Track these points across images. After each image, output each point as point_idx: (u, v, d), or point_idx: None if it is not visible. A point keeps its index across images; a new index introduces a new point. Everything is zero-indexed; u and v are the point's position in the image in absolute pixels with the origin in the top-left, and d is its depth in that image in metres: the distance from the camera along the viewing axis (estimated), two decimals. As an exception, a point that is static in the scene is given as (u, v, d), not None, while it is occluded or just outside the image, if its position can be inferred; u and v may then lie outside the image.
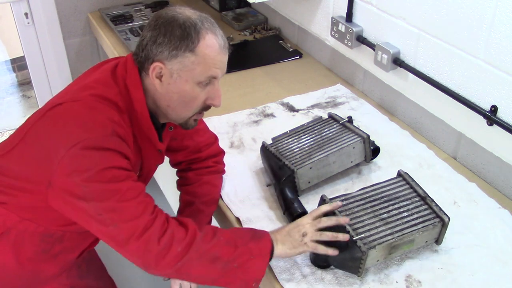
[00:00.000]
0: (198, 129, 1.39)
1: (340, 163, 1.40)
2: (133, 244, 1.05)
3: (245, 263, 1.10)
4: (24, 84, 3.83)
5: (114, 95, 1.12)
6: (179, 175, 1.44)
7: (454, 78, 1.47)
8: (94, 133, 1.05)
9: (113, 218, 1.05)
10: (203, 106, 1.18)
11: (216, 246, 1.09)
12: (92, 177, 1.02)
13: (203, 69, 1.11)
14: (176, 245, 1.06)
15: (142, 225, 1.04)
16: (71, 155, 1.03)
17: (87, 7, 2.59)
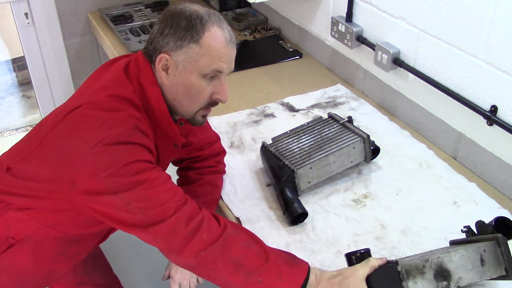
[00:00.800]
0: (201, 126, 1.40)
1: (340, 163, 1.40)
2: (160, 226, 1.03)
3: (270, 282, 1.01)
4: (24, 84, 3.83)
5: (130, 94, 1.13)
6: (179, 174, 1.44)
7: (454, 78, 1.47)
8: (116, 129, 1.05)
9: (140, 206, 1.03)
10: (209, 101, 1.17)
11: (245, 251, 1.03)
12: (118, 172, 1.03)
13: (208, 61, 1.11)
14: (204, 232, 1.03)
15: (171, 209, 1.03)
16: (95, 153, 1.03)
17: (87, 7, 2.59)
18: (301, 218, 1.31)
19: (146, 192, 1.04)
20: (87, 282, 1.44)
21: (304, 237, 1.26)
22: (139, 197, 1.04)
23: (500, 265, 1.02)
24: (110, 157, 1.03)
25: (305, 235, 1.27)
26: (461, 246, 1.04)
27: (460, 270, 1.00)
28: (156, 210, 1.04)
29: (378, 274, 0.99)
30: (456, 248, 1.01)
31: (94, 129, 1.06)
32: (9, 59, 3.92)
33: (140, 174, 1.04)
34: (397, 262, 0.96)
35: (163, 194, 1.05)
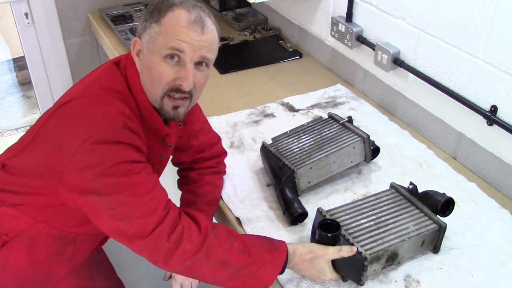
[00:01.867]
0: (203, 128, 1.40)
1: (340, 163, 1.40)
2: (143, 241, 1.03)
3: (255, 271, 1.07)
4: (24, 84, 3.83)
5: (120, 85, 1.12)
6: (180, 174, 1.44)
7: (454, 78, 1.47)
8: (105, 127, 1.04)
9: (124, 213, 1.03)
10: (172, 85, 1.11)
11: (228, 251, 1.06)
12: (105, 171, 1.02)
13: (165, 39, 1.07)
14: (186, 243, 1.04)
15: (153, 223, 1.03)
16: (83, 150, 1.02)
17: (87, 7, 2.59)
18: (301, 218, 1.31)
19: (131, 200, 1.03)
20: (91, 286, 1.43)
21: (304, 237, 1.26)
22: (124, 203, 1.03)
23: (433, 243, 1.21)
24: (98, 155, 1.03)
25: (305, 235, 1.27)
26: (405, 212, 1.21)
27: (405, 252, 1.16)
28: (139, 220, 1.03)
29: (346, 261, 1.10)
30: (409, 235, 1.15)
31: (83, 124, 1.05)
32: (9, 59, 3.93)
33: (127, 177, 1.03)
34: (366, 258, 1.08)
35: (147, 204, 1.04)
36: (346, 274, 1.13)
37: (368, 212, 1.20)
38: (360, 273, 1.10)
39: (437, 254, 1.21)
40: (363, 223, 1.17)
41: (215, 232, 1.08)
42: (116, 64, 1.17)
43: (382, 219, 1.19)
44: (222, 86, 1.92)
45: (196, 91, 1.15)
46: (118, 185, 1.03)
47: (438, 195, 1.22)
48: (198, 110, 1.40)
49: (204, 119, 1.42)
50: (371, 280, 1.15)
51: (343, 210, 1.21)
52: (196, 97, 1.18)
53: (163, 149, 1.27)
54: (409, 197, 1.25)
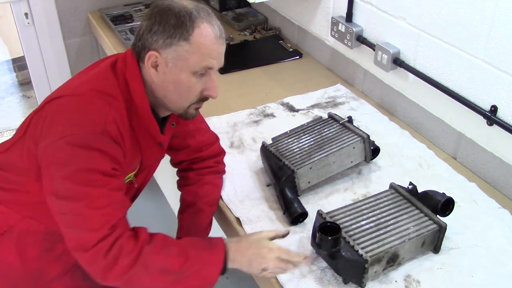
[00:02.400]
0: (200, 128, 1.40)
1: (340, 163, 1.40)
2: (82, 254, 1.04)
3: (197, 272, 1.08)
4: (24, 84, 3.82)
5: (113, 89, 1.12)
6: (179, 175, 1.44)
7: (454, 78, 1.47)
8: (83, 129, 1.04)
9: (74, 222, 1.04)
10: (200, 97, 1.16)
11: (165, 257, 1.07)
12: (68, 175, 1.02)
13: (198, 58, 1.10)
14: (123, 258, 1.04)
15: (96, 238, 1.03)
16: (54, 148, 1.03)
17: (87, 7, 2.59)
18: (301, 218, 1.31)
19: (83, 211, 1.03)
20: (85, 286, 1.43)
21: (304, 237, 1.26)
22: (76, 212, 1.04)
23: (433, 243, 1.21)
24: (66, 156, 1.03)
25: (305, 235, 1.27)
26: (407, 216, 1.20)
27: (406, 253, 1.16)
28: (85, 233, 1.04)
29: (347, 264, 1.11)
30: (409, 236, 1.15)
31: (63, 122, 1.06)
32: (9, 59, 3.92)
33: (87, 187, 1.03)
34: (366, 260, 1.08)
35: (98, 219, 1.04)
36: (347, 276, 1.13)
37: (368, 213, 1.20)
38: (361, 275, 1.10)
39: (437, 254, 1.21)
40: (363, 225, 1.17)
41: (150, 242, 1.07)
42: (112, 66, 1.17)
43: (382, 220, 1.19)
44: (222, 86, 1.91)
45: None
46: (76, 193, 1.03)
47: (438, 195, 1.22)
48: None
49: (200, 118, 1.42)
50: (371, 280, 1.15)
51: (343, 212, 1.20)
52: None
53: (160, 152, 1.28)
54: (409, 197, 1.25)
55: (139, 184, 1.32)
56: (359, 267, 1.09)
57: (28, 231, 1.20)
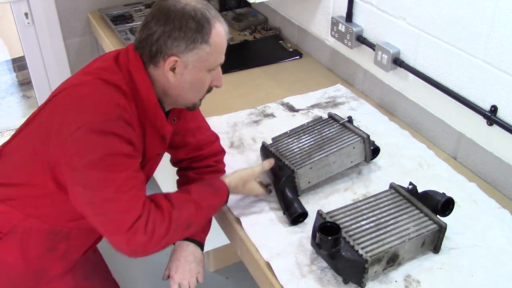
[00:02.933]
0: (200, 126, 1.40)
1: (340, 163, 1.40)
2: (121, 236, 1.07)
3: (208, 216, 1.28)
4: (24, 84, 3.82)
5: (118, 80, 1.13)
6: (179, 174, 1.44)
7: (454, 78, 1.47)
8: (99, 116, 1.06)
9: (105, 209, 1.07)
10: (209, 89, 1.22)
11: (187, 215, 1.17)
12: (92, 164, 1.04)
13: (216, 57, 1.16)
14: (158, 229, 1.10)
15: (131, 220, 1.07)
16: (74, 138, 1.04)
17: (87, 7, 2.59)
18: (301, 218, 1.31)
19: (113, 196, 1.06)
20: (87, 286, 1.43)
21: (304, 237, 1.26)
22: (105, 199, 1.06)
23: (433, 243, 1.21)
24: (88, 145, 1.04)
25: (305, 235, 1.27)
26: (406, 214, 1.21)
27: (406, 253, 1.16)
28: (119, 217, 1.07)
29: (347, 264, 1.11)
30: (409, 236, 1.15)
31: (76, 112, 1.06)
32: (9, 59, 3.92)
33: (112, 173, 1.06)
34: (366, 260, 1.08)
35: (127, 202, 1.07)
36: (347, 276, 1.13)
37: (368, 213, 1.20)
38: (361, 275, 1.10)
39: (437, 254, 1.21)
40: (363, 225, 1.17)
41: (174, 206, 1.15)
42: (115, 59, 1.18)
43: (382, 220, 1.19)
44: (222, 86, 1.92)
45: None
46: (102, 181, 1.05)
47: (438, 195, 1.22)
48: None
49: (201, 117, 1.43)
50: (371, 280, 1.15)
51: (343, 212, 1.20)
52: None
53: (162, 147, 1.28)
54: (409, 197, 1.25)
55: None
56: (359, 267, 1.09)
57: (31, 231, 1.20)
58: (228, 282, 2.24)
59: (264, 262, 1.21)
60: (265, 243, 1.25)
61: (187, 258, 1.33)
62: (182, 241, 1.36)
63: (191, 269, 1.33)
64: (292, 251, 1.22)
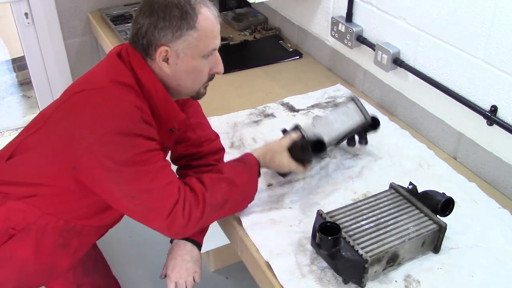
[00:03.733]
0: (201, 122, 1.41)
1: (341, 122, 1.43)
2: (163, 222, 1.13)
3: (244, 192, 1.27)
4: (24, 84, 3.82)
5: (128, 78, 1.15)
6: (179, 173, 1.44)
7: (454, 78, 1.47)
8: (122, 120, 1.09)
9: (145, 199, 1.11)
10: (209, 76, 1.23)
11: (221, 194, 1.20)
12: (124, 161, 1.08)
13: (206, 42, 1.15)
14: (195, 211, 1.15)
15: (170, 206, 1.12)
16: (102, 143, 1.07)
17: (87, 7, 2.59)
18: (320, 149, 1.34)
19: (150, 186, 1.11)
20: (87, 283, 1.44)
21: (304, 238, 1.26)
22: (144, 189, 1.11)
23: (433, 243, 1.21)
24: (118, 147, 1.07)
25: (305, 235, 1.27)
26: (406, 214, 1.21)
27: (406, 253, 1.16)
28: (158, 204, 1.12)
29: (347, 264, 1.11)
30: (409, 236, 1.15)
31: (98, 116, 1.09)
32: (9, 59, 3.92)
33: (146, 166, 1.10)
34: (366, 260, 1.08)
35: (164, 189, 1.13)
36: (347, 276, 1.13)
37: (368, 213, 1.20)
38: (361, 275, 1.10)
39: (437, 254, 1.22)
40: (363, 225, 1.17)
41: (207, 188, 1.19)
42: (118, 55, 1.20)
43: (382, 220, 1.19)
44: (222, 86, 1.92)
45: None
46: (137, 174, 1.10)
47: (438, 195, 1.22)
48: (197, 105, 1.42)
49: (202, 114, 1.44)
50: (371, 280, 1.15)
51: (343, 212, 1.21)
52: None
53: (170, 139, 1.31)
54: (409, 197, 1.25)
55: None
56: (359, 267, 1.09)
57: (46, 228, 1.22)
58: (228, 282, 2.24)
59: (264, 262, 1.22)
60: (265, 243, 1.25)
61: (184, 257, 1.33)
62: (179, 240, 1.37)
63: (187, 268, 1.34)
64: (292, 251, 1.22)
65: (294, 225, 1.30)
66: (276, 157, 1.31)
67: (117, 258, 1.54)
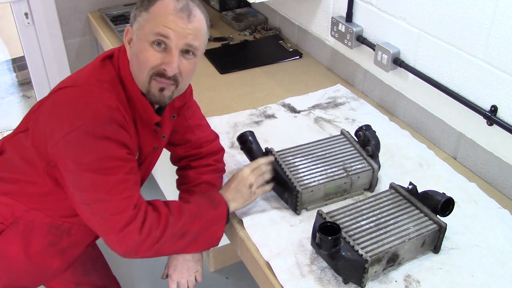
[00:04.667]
0: (200, 124, 1.41)
1: None
2: (116, 235, 1.10)
3: (207, 229, 1.21)
4: (24, 84, 3.82)
5: (111, 77, 1.15)
6: (179, 174, 1.44)
7: (454, 78, 1.47)
8: (91, 120, 1.07)
9: (100, 209, 1.09)
10: (157, 69, 1.13)
11: (185, 223, 1.17)
12: (86, 166, 1.06)
13: (152, 25, 1.10)
14: (154, 232, 1.12)
15: (125, 220, 1.09)
16: (66, 141, 1.05)
17: (87, 7, 2.59)
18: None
19: (106, 198, 1.08)
20: (86, 282, 1.44)
21: (304, 238, 1.26)
22: (99, 200, 1.08)
23: (433, 243, 1.21)
24: (80, 149, 1.06)
25: (305, 235, 1.27)
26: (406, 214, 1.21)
27: (406, 253, 1.16)
28: (113, 217, 1.09)
29: (347, 264, 1.11)
30: (409, 236, 1.15)
31: (69, 114, 1.08)
32: (9, 59, 3.92)
33: (105, 175, 1.07)
34: (366, 260, 1.08)
35: (121, 202, 1.09)
36: (347, 276, 1.13)
37: (368, 213, 1.20)
38: (361, 275, 1.10)
39: (437, 254, 1.22)
40: (363, 225, 1.17)
41: (172, 214, 1.16)
42: (109, 56, 1.20)
43: (382, 220, 1.19)
44: (222, 86, 1.92)
45: (183, 79, 1.17)
46: (96, 183, 1.07)
47: (438, 195, 1.22)
48: (195, 106, 1.42)
49: (201, 115, 1.43)
50: (371, 280, 1.15)
51: (343, 212, 1.21)
52: (183, 85, 1.19)
53: (156, 140, 1.29)
54: (409, 197, 1.25)
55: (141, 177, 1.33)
56: (359, 267, 1.09)
57: (33, 223, 1.22)
58: (228, 282, 2.24)
59: (264, 262, 1.22)
60: (265, 243, 1.25)
61: (185, 257, 1.33)
62: None
63: (189, 268, 1.33)
64: (292, 251, 1.22)
65: (294, 225, 1.30)
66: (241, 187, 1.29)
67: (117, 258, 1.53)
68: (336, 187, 1.33)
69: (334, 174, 1.33)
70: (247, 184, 1.28)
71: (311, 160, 1.36)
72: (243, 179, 1.28)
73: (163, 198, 2.31)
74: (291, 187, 1.29)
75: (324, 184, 1.31)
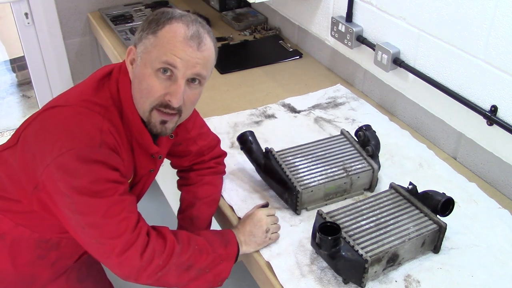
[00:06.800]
0: (201, 133, 1.38)
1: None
2: (115, 259, 1.05)
3: (215, 267, 1.15)
4: (24, 84, 3.83)
5: (105, 100, 1.10)
6: (180, 175, 1.44)
7: (454, 78, 1.47)
8: (82, 143, 1.02)
9: (95, 234, 1.04)
10: (161, 100, 1.08)
11: (192, 255, 1.12)
12: (78, 189, 1.01)
13: (159, 52, 1.04)
14: (157, 258, 1.07)
15: (123, 244, 1.04)
16: (57, 164, 1.01)
17: (87, 7, 2.59)
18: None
19: (101, 222, 1.03)
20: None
21: (304, 238, 1.26)
22: (94, 224, 1.03)
23: (433, 243, 1.21)
24: (72, 172, 1.01)
25: (305, 235, 1.27)
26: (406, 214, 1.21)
27: (406, 253, 1.16)
28: (110, 241, 1.04)
29: (347, 264, 1.11)
30: (409, 236, 1.15)
31: (59, 136, 1.03)
32: (9, 59, 3.92)
33: (99, 198, 1.02)
34: (366, 260, 1.08)
35: (116, 226, 1.04)
36: (347, 276, 1.13)
37: (368, 213, 1.20)
38: (361, 275, 1.10)
39: (437, 254, 1.22)
40: (363, 225, 1.17)
41: (179, 243, 1.11)
42: (107, 74, 1.14)
43: (382, 220, 1.19)
44: (222, 86, 1.92)
45: (186, 108, 1.12)
46: (89, 207, 1.02)
47: (438, 195, 1.22)
48: (195, 115, 1.37)
49: (201, 123, 1.40)
50: (371, 280, 1.15)
51: (343, 212, 1.21)
52: (186, 114, 1.15)
53: (152, 163, 1.25)
54: (409, 197, 1.25)
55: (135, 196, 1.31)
56: (359, 267, 1.09)
57: (21, 238, 1.19)
58: (228, 282, 2.23)
59: (264, 262, 1.22)
60: (265, 243, 1.25)
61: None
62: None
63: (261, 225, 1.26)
64: (292, 251, 1.22)
65: (294, 225, 1.30)
66: (257, 230, 1.23)
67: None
68: (336, 187, 1.33)
69: (334, 174, 1.33)
70: (264, 228, 1.22)
71: (311, 160, 1.36)
72: (259, 221, 1.22)
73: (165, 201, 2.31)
74: (291, 187, 1.29)
75: (324, 184, 1.31)
